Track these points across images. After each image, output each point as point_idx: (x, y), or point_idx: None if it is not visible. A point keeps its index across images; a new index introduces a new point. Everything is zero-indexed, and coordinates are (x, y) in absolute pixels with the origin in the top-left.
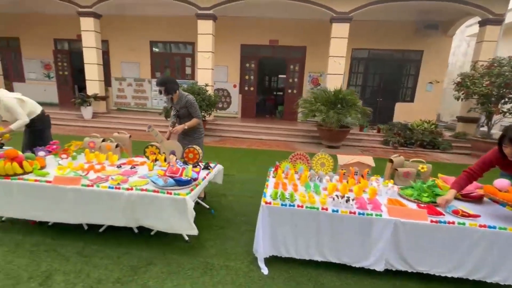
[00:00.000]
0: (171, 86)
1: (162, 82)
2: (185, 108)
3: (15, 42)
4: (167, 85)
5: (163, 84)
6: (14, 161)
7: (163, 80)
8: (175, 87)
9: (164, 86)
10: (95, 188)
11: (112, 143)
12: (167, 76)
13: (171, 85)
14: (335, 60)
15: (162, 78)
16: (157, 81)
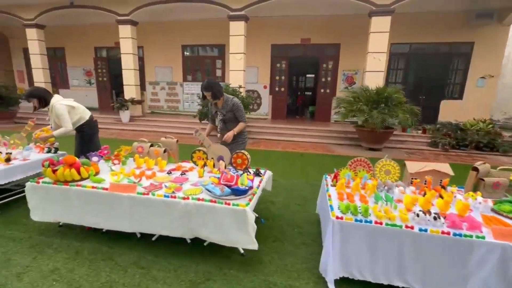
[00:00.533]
0: (217, 90)
1: (208, 86)
2: (231, 112)
3: (60, 52)
4: (214, 89)
5: (209, 89)
6: (72, 167)
7: (209, 84)
8: (221, 90)
9: (211, 91)
10: (150, 196)
11: (160, 148)
12: (212, 80)
13: (217, 88)
14: (374, 56)
15: (207, 82)
16: (203, 86)
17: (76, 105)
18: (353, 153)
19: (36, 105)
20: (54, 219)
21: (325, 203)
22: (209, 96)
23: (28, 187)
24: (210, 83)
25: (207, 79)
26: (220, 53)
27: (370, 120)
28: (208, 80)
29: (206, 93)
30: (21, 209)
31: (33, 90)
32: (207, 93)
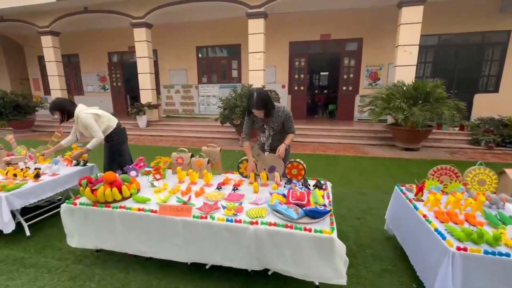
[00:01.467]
0: (272, 106)
1: (262, 103)
2: (281, 124)
3: (75, 58)
4: (269, 106)
5: (264, 107)
6: (113, 186)
7: (264, 101)
8: (273, 102)
9: (264, 109)
10: (210, 220)
11: (204, 159)
12: (262, 92)
13: (272, 104)
14: (405, 49)
15: (260, 97)
16: (253, 103)
17: (101, 113)
18: (389, 154)
19: (59, 117)
20: (94, 245)
21: (412, 222)
22: (262, 114)
23: (64, 209)
24: (264, 98)
25: (256, 92)
26: (235, 53)
27: (411, 118)
28: (258, 93)
29: (258, 111)
30: (54, 229)
31: (55, 102)
32: (259, 111)
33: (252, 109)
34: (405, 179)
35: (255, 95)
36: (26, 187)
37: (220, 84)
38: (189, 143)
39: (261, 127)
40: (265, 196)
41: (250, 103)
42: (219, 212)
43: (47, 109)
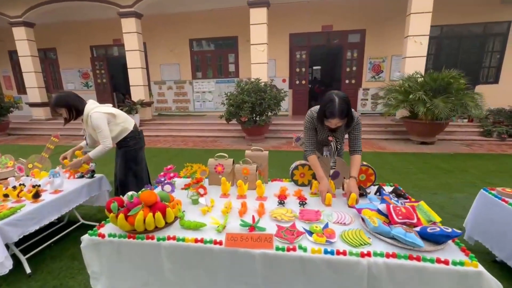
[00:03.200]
0: (352, 112)
1: (348, 110)
2: (346, 133)
3: (52, 53)
4: (351, 113)
5: (348, 114)
6: (155, 209)
7: (348, 107)
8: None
9: (348, 117)
10: (302, 254)
11: (251, 165)
12: (345, 96)
13: (352, 110)
14: (415, 40)
15: (344, 103)
16: (338, 111)
17: (117, 113)
18: (408, 149)
19: (65, 116)
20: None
21: None
22: (342, 123)
23: (86, 244)
24: (348, 103)
25: (336, 96)
26: (232, 46)
27: (435, 111)
28: (341, 97)
29: (340, 120)
30: (60, 262)
31: (60, 97)
32: (341, 120)
33: (330, 119)
34: (442, 175)
35: (337, 100)
36: (24, 212)
37: (217, 79)
38: (191, 143)
39: (325, 139)
40: (347, 211)
41: (330, 111)
42: (305, 239)
43: (21, 109)
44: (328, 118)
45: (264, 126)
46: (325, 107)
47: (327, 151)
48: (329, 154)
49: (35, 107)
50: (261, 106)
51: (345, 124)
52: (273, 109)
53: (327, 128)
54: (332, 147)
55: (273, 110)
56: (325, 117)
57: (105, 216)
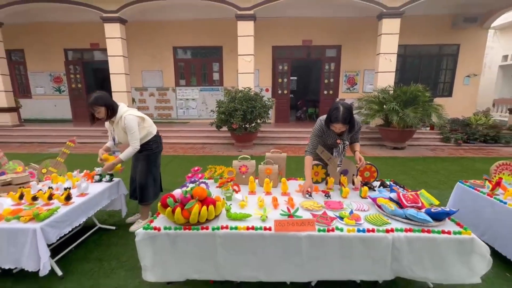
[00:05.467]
0: (354, 119)
1: (350, 117)
2: (352, 136)
3: (18, 55)
4: (353, 119)
5: (351, 120)
6: (207, 203)
7: (351, 114)
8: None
9: (350, 123)
10: (340, 233)
11: (273, 166)
12: (348, 105)
13: (354, 118)
14: (386, 57)
15: (347, 111)
16: (342, 118)
17: (145, 117)
18: (384, 153)
19: (102, 115)
20: (183, 277)
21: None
22: (345, 128)
23: (141, 237)
24: (350, 111)
25: (340, 104)
26: (217, 55)
27: (407, 119)
28: (344, 105)
29: (343, 125)
30: (88, 263)
31: (100, 97)
32: (344, 126)
33: (334, 123)
34: (418, 175)
35: (341, 108)
36: (60, 214)
37: (201, 86)
38: (180, 150)
39: (334, 142)
40: (362, 201)
41: (334, 117)
42: (338, 223)
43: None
44: (333, 123)
45: (254, 133)
46: (331, 113)
47: (336, 151)
48: (337, 154)
49: (1, 112)
50: (252, 114)
51: (348, 129)
52: (263, 117)
53: (335, 132)
54: (340, 148)
55: (262, 117)
56: (331, 121)
57: (117, 220)
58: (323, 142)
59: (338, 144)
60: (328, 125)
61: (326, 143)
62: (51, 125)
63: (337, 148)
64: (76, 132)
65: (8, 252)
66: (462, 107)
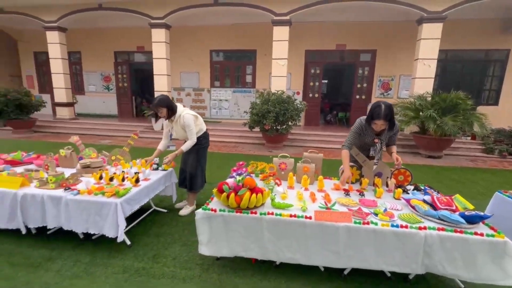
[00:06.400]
0: (394, 119)
1: (391, 115)
2: (390, 137)
3: (76, 56)
4: (393, 118)
5: (391, 118)
6: (255, 191)
7: (392, 112)
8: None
9: (390, 121)
10: (375, 227)
11: (311, 164)
12: (389, 103)
13: (394, 118)
14: (424, 62)
15: (389, 109)
16: (383, 114)
17: (198, 116)
18: (418, 161)
19: (164, 115)
20: (233, 253)
21: None
22: (386, 125)
23: (200, 216)
24: (392, 109)
25: (382, 103)
26: (251, 58)
27: (445, 128)
28: (386, 104)
29: (384, 122)
30: (149, 237)
31: (163, 99)
32: (385, 122)
33: (376, 120)
34: (454, 185)
35: (383, 106)
36: (132, 193)
37: (234, 88)
38: (215, 147)
39: (371, 140)
40: (396, 202)
41: (376, 114)
42: (372, 218)
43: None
44: (374, 120)
45: (285, 135)
46: (373, 111)
47: (373, 150)
48: (374, 152)
49: (60, 107)
50: (284, 116)
51: (387, 127)
52: (295, 119)
53: (374, 132)
54: (377, 147)
55: (294, 120)
56: (372, 119)
57: (167, 205)
58: (361, 140)
59: (376, 143)
60: (369, 123)
61: (364, 141)
62: (100, 120)
63: (374, 147)
64: (121, 127)
65: (94, 220)
66: (509, 117)
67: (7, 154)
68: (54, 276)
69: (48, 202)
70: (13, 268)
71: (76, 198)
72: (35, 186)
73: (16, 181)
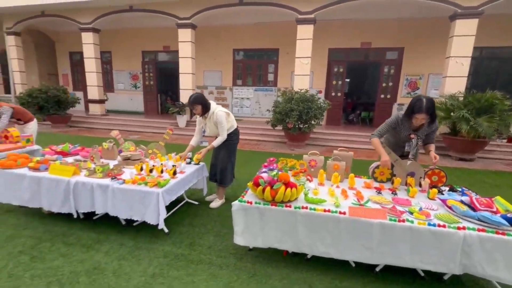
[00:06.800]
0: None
1: (433, 109)
2: (427, 134)
3: (107, 56)
4: (434, 112)
5: (433, 112)
6: (291, 186)
7: (433, 107)
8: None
9: (432, 115)
10: (411, 224)
11: (341, 162)
12: (431, 98)
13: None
14: (457, 60)
15: (430, 102)
16: (425, 108)
17: (230, 113)
18: (448, 163)
19: (199, 112)
20: (266, 244)
21: None
22: (426, 120)
23: (237, 208)
24: (433, 103)
25: (423, 97)
26: (273, 57)
27: (479, 129)
28: (427, 98)
29: (425, 116)
30: (184, 227)
31: (198, 97)
32: (426, 116)
33: (417, 114)
34: (490, 189)
35: (425, 100)
36: (171, 184)
37: (256, 87)
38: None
39: (407, 136)
40: (431, 202)
41: (418, 107)
42: (408, 216)
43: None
44: (415, 113)
45: (307, 134)
46: (414, 104)
47: (408, 145)
48: (409, 148)
49: (92, 103)
50: (308, 114)
51: (427, 123)
52: (318, 118)
53: (411, 127)
54: (413, 143)
55: (317, 119)
56: (413, 112)
57: (198, 197)
58: (396, 136)
59: (411, 138)
60: (409, 116)
61: (399, 136)
62: (128, 116)
63: (409, 142)
64: (148, 123)
65: (138, 208)
66: None
67: (56, 146)
68: (104, 256)
69: (97, 189)
70: (67, 247)
71: (121, 187)
72: (84, 175)
73: (69, 169)
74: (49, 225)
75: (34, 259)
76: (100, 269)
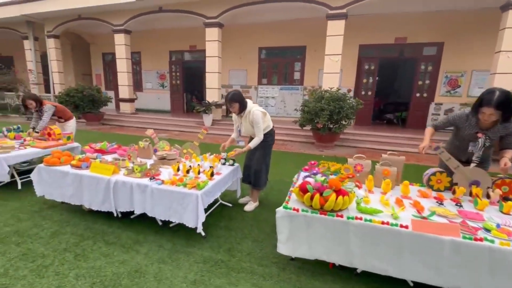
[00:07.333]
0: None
1: (504, 105)
2: (502, 136)
3: (137, 56)
4: (509, 108)
5: (504, 107)
6: (342, 194)
7: (506, 102)
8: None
9: (506, 110)
10: (491, 245)
11: (391, 168)
12: (506, 90)
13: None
14: (509, 55)
15: (506, 95)
16: (494, 101)
17: (267, 113)
18: None
19: (236, 110)
20: (312, 255)
21: None
22: (496, 116)
23: (281, 215)
24: (508, 96)
25: (497, 89)
26: (300, 54)
27: None
28: (502, 89)
29: (495, 110)
30: (221, 230)
31: (237, 94)
32: (497, 111)
33: (485, 107)
34: None
35: (498, 92)
36: (209, 185)
37: (281, 85)
38: None
39: (472, 134)
40: (506, 217)
41: (487, 100)
42: (485, 234)
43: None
44: (483, 107)
45: (337, 134)
46: (483, 96)
47: (473, 146)
48: (474, 149)
49: (123, 102)
50: (339, 114)
51: (500, 122)
52: (350, 118)
53: (480, 125)
54: (479, 143)
55: (349, 118)
56: (481, 105)
57: (231, 199)
58: (460, 134)
59: (478, 137)
60: (476, 110)
61: (463, 134)
62: (156, 114)
63: (475, 142)
64: (175, 122)
65: (176, 209)
66: None
67: (95, 144)
68: (144, 258)
69: (136, 189)
70: (108, 246)
71: (160, 187)
72: (123, 174)
73: (109, 168)
74: (89, 222)
75: (78, 257)
76: (141, 272)
